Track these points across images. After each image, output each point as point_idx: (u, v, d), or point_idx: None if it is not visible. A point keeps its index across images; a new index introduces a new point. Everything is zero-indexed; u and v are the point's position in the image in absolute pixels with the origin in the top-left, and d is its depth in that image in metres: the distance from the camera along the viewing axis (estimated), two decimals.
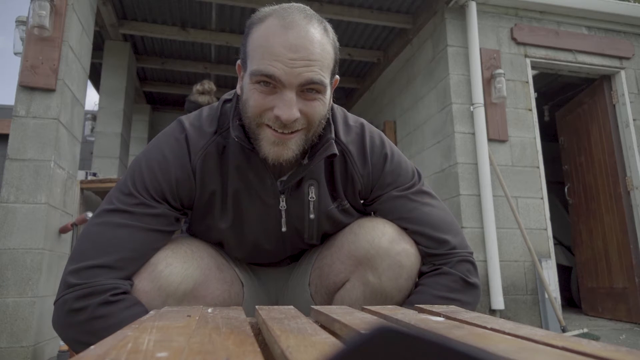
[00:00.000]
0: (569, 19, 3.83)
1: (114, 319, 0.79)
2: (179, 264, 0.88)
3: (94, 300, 0.79)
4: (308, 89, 0.83)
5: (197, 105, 2.65)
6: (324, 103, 0.87)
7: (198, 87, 2.73)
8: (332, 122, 0.96)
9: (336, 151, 0.93)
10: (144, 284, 0.84)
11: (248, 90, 0.86)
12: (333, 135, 0.94)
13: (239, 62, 0.93)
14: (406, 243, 0.95)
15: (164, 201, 0.90)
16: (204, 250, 0.97)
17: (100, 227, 0.86)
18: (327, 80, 0.85)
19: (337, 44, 0.91)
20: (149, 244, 0.87)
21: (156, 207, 0.88)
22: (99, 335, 0.77)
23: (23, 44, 2.68)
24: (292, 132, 0.84)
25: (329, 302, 1.02)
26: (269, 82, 0.82)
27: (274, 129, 0.84)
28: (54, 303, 0.84)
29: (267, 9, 0.88)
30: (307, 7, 0.89)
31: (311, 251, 1.10)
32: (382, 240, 0.93)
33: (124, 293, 0.83)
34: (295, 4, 0.89)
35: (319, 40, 0.83)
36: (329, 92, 0.89)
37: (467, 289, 0.95)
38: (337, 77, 0.94)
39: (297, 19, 0.83)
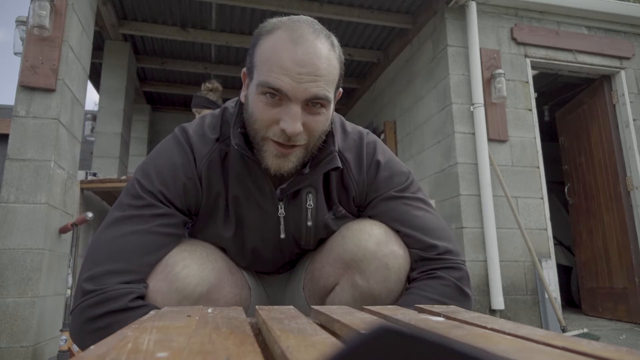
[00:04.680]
0: (569, 19, 3.83)
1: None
2: (196, 266, 0.88)
3: (112, 307, 0.79)
4: (313, 103, 0.84)
5: (206, 100, 2.90)
6: (327, 117, 0.88)
7: (208, 84, 2.95)
8: (333, 134, 0.96)
9: (339, 164, 0.94)
10: (160, 285, 0.84)
11: (253, 101, 0.86)
12: (336, 147, 0.95)
13: (244, 70, 0.93)
14: (394, 244, 0.94)
15: (172, 205, 0.91)
16: (217, 253, 0.98)
17: (111, 232, 0.86)
18: (331, 95, 0.87)
19: (343, 58, 0.92)
20: (160, 246, 0.87)
21: (164, 209, 0.89)
22: None
23: (23, 44, 2.68)
24: (293, 147, 0.86)
25: (322, 305, 1.02)
26: (275, 95, 0.83)
27: (277, 142, 0.85)
28: (71, 312, 0.84)
29: (275, 21, 0.88)
30: (315, 21, 0.90)
31: (306, 256, 1.10)
32: (369, 242, 0.92)
33: (141, 297, 0.83)
34: (303, 17, 0.89)
35: (326, 55, 0.84)
36: (332, 106, 0.90)
37: (460, 297, 0.92)
38: (341, 90, 0.95)
39: (306, 33, 0.84)
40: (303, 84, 0.81)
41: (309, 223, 0.99)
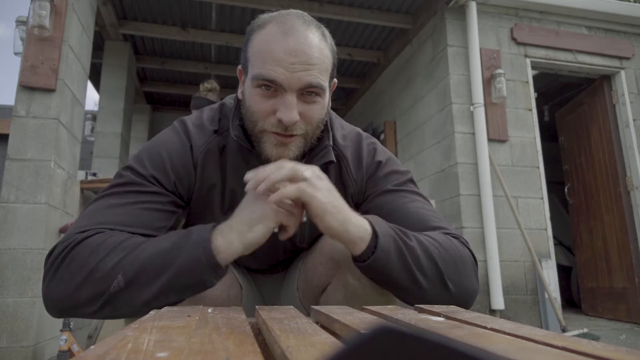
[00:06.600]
0: (569, 19, 3.83)
1: (105, 241, 0.76)
2: None
3: (76, 238, 0.77)
4: (308, 92, 0.86)
5: (207, 100, 2.87)
6: (323, 106, 0.90)
7: (206, 84, 2.94)
8: (330, 129, 0.97)
9: (333, 158, 0.95)
10: None
11: (249, 95, 0.88)
12: (331, 142, 0.96)
13: (240, 67, 0.95)
14: None
15: (161, 186, 0.90)
16: None
17: (91, 207, 0.85)
18: (325, 84, 0.88)
19: (335, 48, 0.94)
20: (151, 220, 0.86)
21: (156, 188, 0.89)
22: (88, 263, 0.73)
23: (23, 44, 2.68)
24: (292, 136, 0.87)
25: (316, 305, 1.02)
26: (270, 86, 0.84)
27: (276, 133, 0.86)
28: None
29: (266, 16, 0.91)
30: (305, 13, 0.92)
31: (299, 256, 1.11)
32: None
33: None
34: (293, 11, 0.92)
35: (317, 45, 0.86)
36: (327, 95, 0.91)
37: (460, 244, 0.90)
38: (335, 80, 0.97)
39: (296, 24, 0.86)
40: (296, 73, 0.83)
41: (304, 219, 1.00)
